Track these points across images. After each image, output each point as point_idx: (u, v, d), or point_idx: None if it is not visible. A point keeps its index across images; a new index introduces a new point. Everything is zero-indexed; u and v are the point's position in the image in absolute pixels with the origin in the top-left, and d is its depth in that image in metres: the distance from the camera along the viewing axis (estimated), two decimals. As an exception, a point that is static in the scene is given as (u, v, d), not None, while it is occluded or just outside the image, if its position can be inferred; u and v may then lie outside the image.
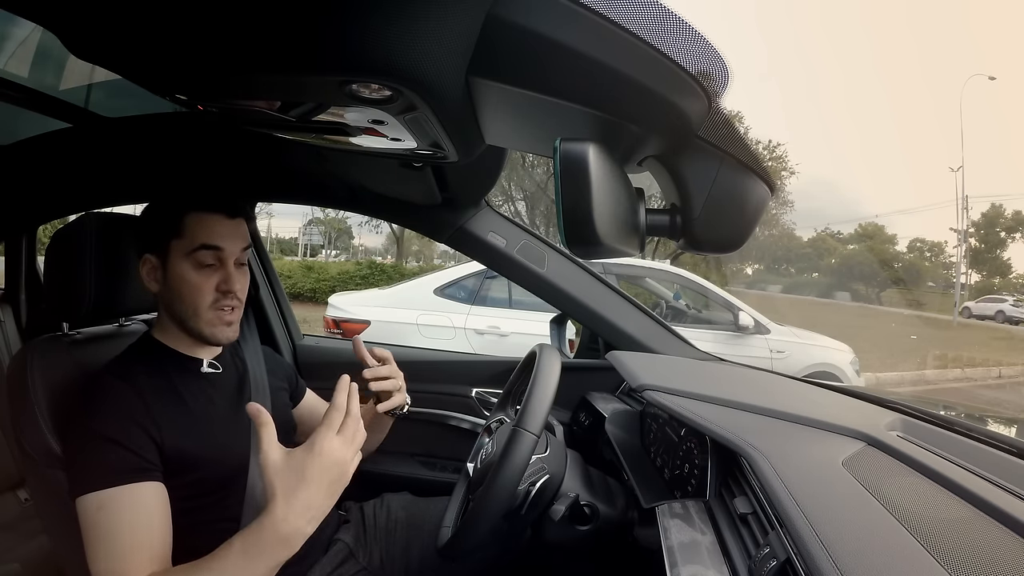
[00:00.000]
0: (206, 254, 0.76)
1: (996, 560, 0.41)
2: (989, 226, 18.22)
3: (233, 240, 0.78)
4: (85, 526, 0.65)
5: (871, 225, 20.42)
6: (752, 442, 0.63)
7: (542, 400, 0.73)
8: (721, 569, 0.54)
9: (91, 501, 0.65)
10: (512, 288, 3.51)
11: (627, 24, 0.37)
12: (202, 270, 0.76)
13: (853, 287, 19.13)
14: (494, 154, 0.92)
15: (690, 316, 4.03)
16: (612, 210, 0.42)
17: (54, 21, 0.45)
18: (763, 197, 0.50)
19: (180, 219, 0.76)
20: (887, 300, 18.19)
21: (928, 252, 19.31)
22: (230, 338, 0.80)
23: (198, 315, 0.77)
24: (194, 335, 0.79)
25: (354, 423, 0.64)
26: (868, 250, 19.20)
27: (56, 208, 1.11)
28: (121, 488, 0.65)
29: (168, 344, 0.80)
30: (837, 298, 18.80)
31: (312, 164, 0.97)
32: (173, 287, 0.76)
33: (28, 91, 0.99)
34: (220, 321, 0.78)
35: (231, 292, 0.78)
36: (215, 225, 0.77)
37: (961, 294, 17.18)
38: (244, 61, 0.43)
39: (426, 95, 0.44)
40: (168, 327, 0.81)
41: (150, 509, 0.67)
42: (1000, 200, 18.69)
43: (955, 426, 0.74)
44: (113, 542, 0.64)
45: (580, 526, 0.80)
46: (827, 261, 20.93)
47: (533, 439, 0.70)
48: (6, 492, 1.37)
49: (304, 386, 1.06)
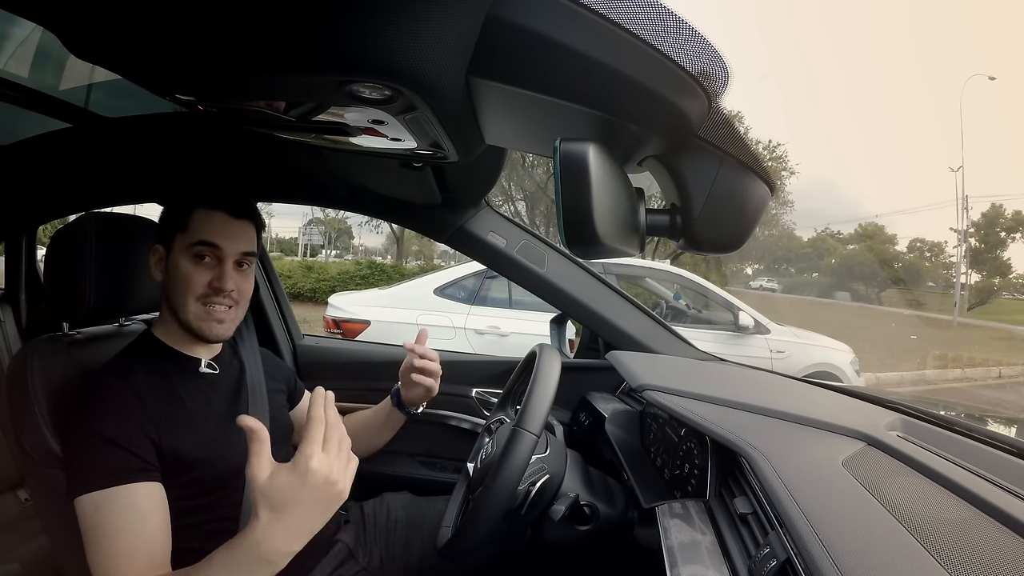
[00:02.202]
0: (204, 250, 0.77)
1: (996, 560, 0.41)
2: (989, 226, 18.16)
3: (233, 240, 0.79)
4: (84, 527, 0.65)
5: (871, 225, 20.39)
6: (752, 442, 0.63)
7: (542, 400, 0.73)
8: (721, 569, 0.54)
9: (89, 502, 0.65)
10: (512, 288, 3.51)
11: (627, 24, 0.37)
12: (198, 265, 0.78)
13: (853, 287, 19.12)
14: (494, 154, 0.92)
15: (690, 316, 4.03)
16: (612, 210, 0.42)
17: (54, 21, 0.45)
18: (763, 197, 0.50)
19: (188, 214, 0.78)
20: (887, 300, 18.17)
21: (928, 252, 19.26)
22: (220, 335, 0.80)
23: (187, 306, 0.78)
24: (185, 328, 0.80)
25: (336, 433, 0.59)
26: (868, 250, 19.16)
27: (56, 208, 1.11)
28: (119, 488, 0.65)
29: (167, 342, 0.81)
30: (837, 298, 18.80)
31: (312, 164, 0.97)
32: (171, 277, 0.79)
33: (28, 91, 0.99)
34: (209, 317, 0.78)
35: (222, 291, 0.78)
36: (217, 223, 0.78)
37: (962, 294, 17.16)
38: (244, 61, 0.43)
39: (426, 95, 0.44)
40: (168, 323, 0.81)
41: (148, 510, 0.67)
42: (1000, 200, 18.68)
43: (955, 426, 0.74)
44: (111, 543, 0.63)
45: (580, 526, 0.80)
46: (827, 261, 20.91)
47: (533, 439, 0.70)
48: (6, 492, 1.37)
49: (303, 388, 1.07)
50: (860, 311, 16.64)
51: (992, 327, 14.64)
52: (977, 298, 17.40)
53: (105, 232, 0.81)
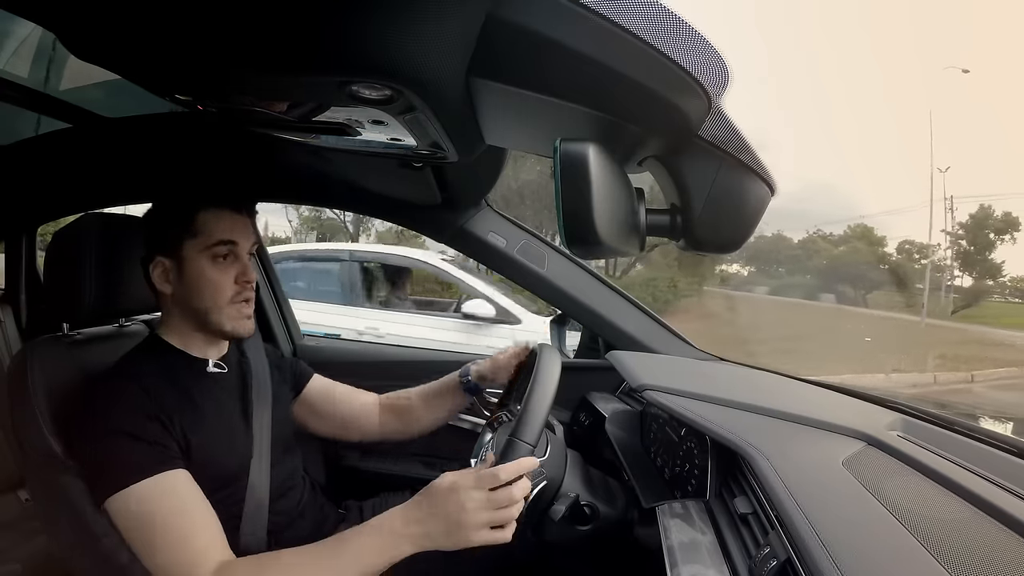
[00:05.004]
0: (223, 249, 0.77)
1: (996, 560, 0.41)
2: (978, 228, 17.96)
3: (245, 234, 0.80)
4: (127, 525, 0.65)
5: (860, 226, 20.24)
6: (752, 442, 0.63)
7: (539, 409, 0.71)
8: (721, 569, 0.54)
9: (126, 499, 0.65)
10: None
11: (627, 24, 0.37)
12: (220, 265, 0.77)
13: (839, 289, 19.04)
14: (494, 154, 0.92)
15: (407, 303, 4.01)
16: (612, 210, 0.42)
17: (54, 21, 0.46)
18: (763, 197, 0.50)
19: (192, 218, 0.77)
20: (873, 302, 18.03)
21: (917, 254, 19.13)
22: (250, 331, 0.81)
23: (220, 310, 0.78)
24: (213, 331, 0.79)
25: (505, 499, 0.63)
26: (853, 252, 19.04)
27: (56, 208, 1.11)
28: (153, 479, 0.65)
29: (175, 344, 0.81)
30: (822, 300, 18.74)
31: (312, 164, 0.97)
32: (191, 285, 0.77)
33: (28, 91, 0.99)
34: (240, 315, 0.79)
35: (250, 283, 0.79)
36: (228, 220, 0.78)
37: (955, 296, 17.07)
38: (244, 62, 0.43)
39: (426, 95, 0.44)
40: (177, 327, 0.81)
41: (188, 493, 0.67)
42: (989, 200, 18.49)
43: (955, 426, 0.74)
44: (165, 533, 0.64)
45: (580, 526, 0.80)
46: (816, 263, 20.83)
47: (528, 450, 0.70)
48: (6, 492, 1.37)
49: (308, 371, 1.05)
50: (835, 312, 16.44)
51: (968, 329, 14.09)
52: (964, 300, 17.26)
53: (105, 232, 0.81)
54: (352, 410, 1.04)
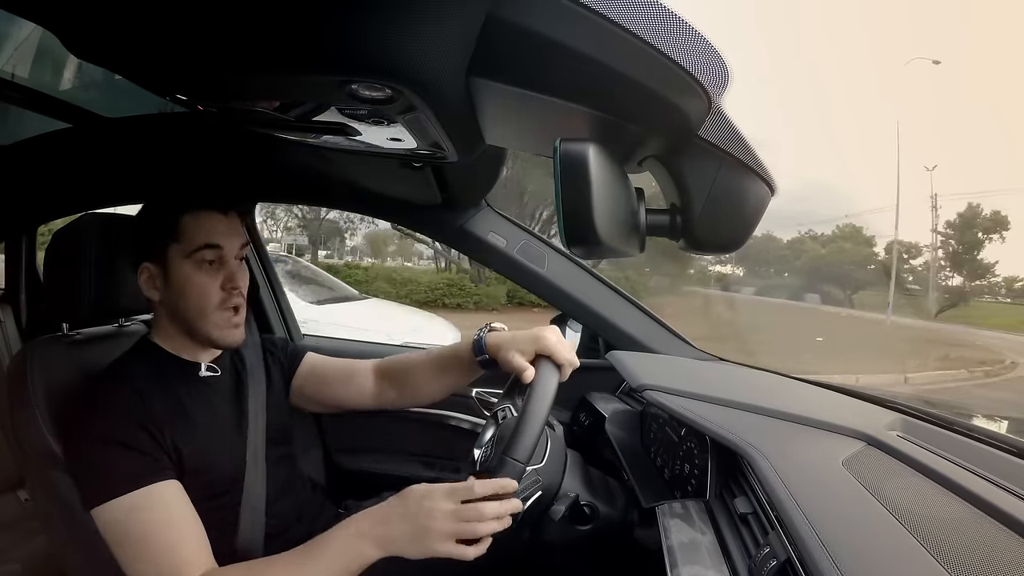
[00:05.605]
0: (206, 253, 0.74)
1: (996, 560, 0.41)
2: (966, 227, 17.80)
3: (231, 237, 0.77)
4: (112, 536, 0.64)
5: (848, 226, 20.11)
6: (752, 442, 0.63)
7: (533, 426, 0.69)
8: (721, 569, 0.54)
9: (112, 510, 0.64)
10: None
11: (627, 24, 0.37)
12: (205, 270, 0.75)
13: (824, 289, 18.94)
14: (494, 154, 0.92)
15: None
16: (612, 210, 0.42)
17: (54, 21, 0.46)
18: (763, 197, 0.50)
19: (175, 222, 0.74)
20: (859, 302, 17.87)
21: (905, 254, 18.98)
22: (238, 341, 0.79)
23: (205, 317, 0.75)
24: (200, 339, 0.77)
25: (474, 515, 0.62)
26: (839, 252, 18.94)
27: (56, 208, 1.11)
28: (141, 491, 0.65)
29: (167, 349, 0.79)
30: (807, 300, 18.69)
31: (312, 164, 0.97)
32: (177, 291, 0.75)
33: (28, 91, 0.99)
34: (228, 324, 0.77)
35: (236, 289, 0.76)
36: (212, 223, 0.75)
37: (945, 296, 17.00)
38: (244, 61, 0.43)
39: (426, 95, 0.44)
40: (169, 332, 0.79)
41: (175, 506, 0.67)
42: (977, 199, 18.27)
43: (955, 426, 0.74)
44: (146, 546, 0.63)
45: (580, 526, 0.80)
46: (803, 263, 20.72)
47: (519, 468, 0.69)
48: (6, 492, 1.37)
49: (300, 351, 0.98)
50: (805, 312, 16.04)
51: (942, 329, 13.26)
52: (950, 300, 17.14)
53: (105, 232, 0.81)
54: (348, 392, 0.97)
